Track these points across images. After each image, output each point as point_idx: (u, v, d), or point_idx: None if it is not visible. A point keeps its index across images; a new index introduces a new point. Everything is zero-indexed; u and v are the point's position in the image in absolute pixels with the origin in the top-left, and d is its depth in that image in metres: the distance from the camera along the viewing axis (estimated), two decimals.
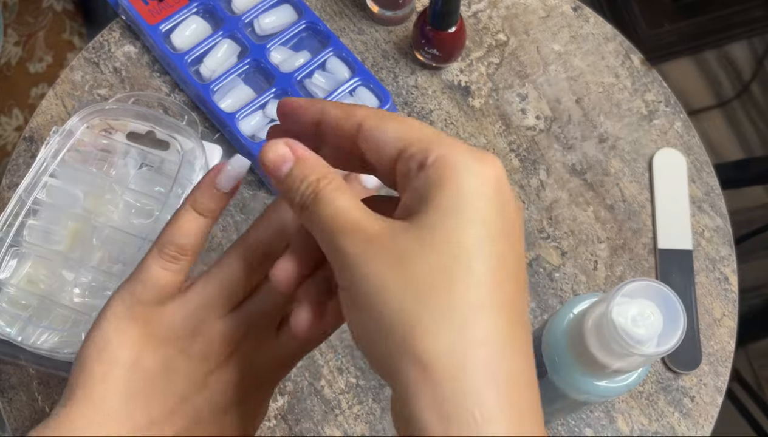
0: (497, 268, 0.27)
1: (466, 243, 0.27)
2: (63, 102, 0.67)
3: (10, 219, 0.55)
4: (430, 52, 0.65)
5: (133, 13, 0.67)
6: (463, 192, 0.28)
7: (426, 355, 0.26)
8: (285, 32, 0.66)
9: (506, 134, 0.66)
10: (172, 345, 0.34)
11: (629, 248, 0.63)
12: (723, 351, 0.60)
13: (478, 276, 0.27)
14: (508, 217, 0.28)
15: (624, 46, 0.69)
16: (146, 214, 0.58)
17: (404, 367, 0.26)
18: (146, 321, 0.34)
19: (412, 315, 0.26)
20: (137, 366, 0.33)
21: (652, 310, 0.39)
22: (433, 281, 0.27)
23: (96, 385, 0.33)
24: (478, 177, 0.28)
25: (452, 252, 0.27)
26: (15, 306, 0.55)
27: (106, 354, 0.33)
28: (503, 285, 0.27)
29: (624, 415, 0.58)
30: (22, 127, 1.15)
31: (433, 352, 0.26)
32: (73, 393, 0.33)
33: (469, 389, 0.25)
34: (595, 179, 0.65)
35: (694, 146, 0.66)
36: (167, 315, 0.34)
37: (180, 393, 0.34)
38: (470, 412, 0.25)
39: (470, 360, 0.26)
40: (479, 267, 0.27)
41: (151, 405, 0.33)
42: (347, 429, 0.58)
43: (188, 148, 0.57)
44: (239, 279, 0.34)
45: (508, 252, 0.28)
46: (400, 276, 0.27)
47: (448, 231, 0.27)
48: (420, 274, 0.27)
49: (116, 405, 0.33)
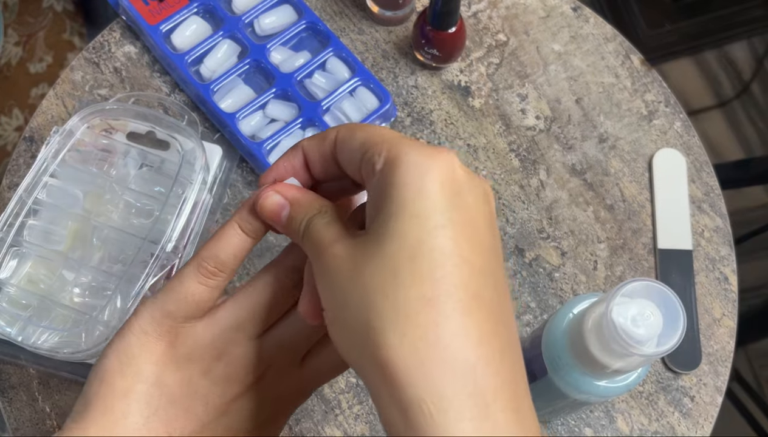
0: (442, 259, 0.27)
1: (405, 242, 0.27)
2: (63, 102, 0.67)
3: (11, 219, 0.55)
4: (430, 52, 0.65)
5: (133, 13, 0.67)
6: (404, 192, 0.28)
7: (381, 356, 0.26)
8: (285, 32, 0.67)
9: (506, 134, 0.66)
10: (197, 366, 0.33)
11: (629, 248, 0.63)
12: (723, 351, 0.60)
13: (421, 271, 0.27)
14: (462, 206, 0.28)
15: (624, 46, 0.69)
16: (146, 214, 0.58)
17: (370, 372, 0.27)
18: (173, 338, 0.33)
19: (366, 322, 0.27)
20: (160, 384, 0.33)
21: (652, 310, 0.39)
22: (381, 283, 0.27)
23: (117, 400, 0.32)
24: (423, 173, 0.28)
25: (396, 253, 0.27)
26: (15, 306, 0.55)
27: (129, 369, 0.32)
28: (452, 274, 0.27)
29: (624, 415, 0.58)
30: (22, 127, 1.15)
31: (385, 353, 0.26)
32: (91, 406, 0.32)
33: (421, 383, 0.26)
34: (595, 179, 0.65)
35: (694, 146, 0.66)
36: (196, 333, 0.33)
37: (200, 417, 0.33)
38: (423, 403, 0.26)
39: (422, 354, 0.26)
40: (422, 262, 0.27)
41: (171, 425, 0.33)
42: (347, 429, 0.58)
43: (188, 148, 0.57)
44: (271, 303, 0.34)
45: (462, 240, 0.28)
46: (353, 287, 0.28)
47: (391, 232, 0.28)
48: (368, 280, 0.27)
49: (138, 422, 0.32)
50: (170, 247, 0.53)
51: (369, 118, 0.63)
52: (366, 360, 0.27)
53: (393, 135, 0.30)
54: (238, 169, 0.65)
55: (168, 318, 0.33)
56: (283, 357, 0.35)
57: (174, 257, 0.54)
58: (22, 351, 0.56)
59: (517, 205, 0.64)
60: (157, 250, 0.52)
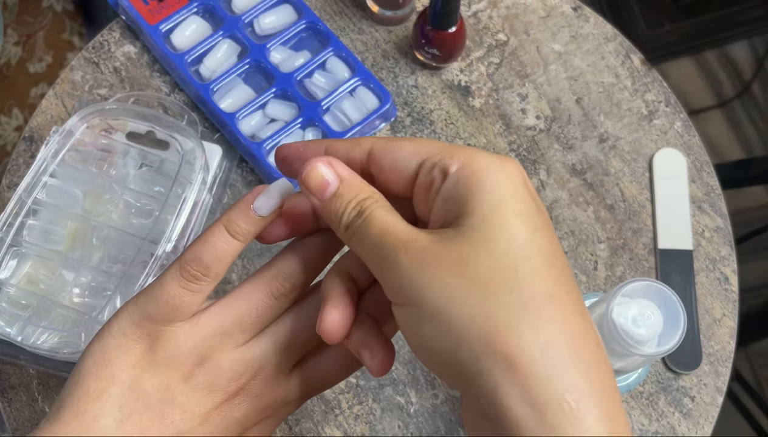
0: (550, 258, 0.28)
1: (517, 239, 0.27)
2: (63, 102, 0.67)
3: (10, 219, 0.55)
4: (430, 52, 0.65)
5: (133, 13, 0.67)
6: (497, 191, 0.28)
7: (510, 351, 0.26)
8: (285, 32, 0.66)
9: (506, 134, 0.66)
10: (177, 371, 0.32)
11: (629, 248, 0.63)
12: (723, 351, 0.60)
13: (539, 269, 0.27)
14: (540, 209, 0.29)
15: (624, 46, 0.69)
16: (146, 214, 0.58)
17: (487, 367, 0.26)
18: (153, 341, 0.32)
19: (487, 316, 0.26)
20: (136, 388, 0.31)
21: (652, 310, 0.39)
22: (499, 279, 0.27)
23: (90, 402, 0.31)
24: (506, 175, 0.28)
25: (508, 249, 0.27)
26: (15, 306, 0.55)
27: (105, 371, 0.31)
28: (561, 274, 0.28)
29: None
30: (22, 127, 1.15)
31: (516, 347, 0.26)
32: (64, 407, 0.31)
33: (559, 378, 0.25)
34: (595, 179, 0.65)
35: (694, 146, 0.66)
36: (177, 338, 0.32)
37: (177, 425, 0.32)
38: (564, 400, 0.25)
39: (555, 350, 0.26)
40: (537, 260, 0.27)
41: (145, 431, 0.31)
42: (347, 429, 0.58)
43: (188, 148, 0.57)
44: (260, 310, 0.33)
45: (551, 242, 0.28)
46: (463, 282, 0.27)
47: (496, 229, 0.27)
48: (482, 276, 0.27)
49: (110, 426, 0.31)
50: (170, 247, 0.53)
51: (369, 118, 0.63)
52: (483, 355, 0.26)
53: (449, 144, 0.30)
54: (238, 168, 0.65)
55: (148, 321, 0.32)
56: (270, 366, 0.34)
57: (174, 257, 0.54)
58: (21, 351, 0.56)
59: None
60: (156, 250, 0.52)
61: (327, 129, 0.63)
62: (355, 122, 0.63)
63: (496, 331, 0.26)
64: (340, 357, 0.35)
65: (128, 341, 0.32)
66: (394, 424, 0.58)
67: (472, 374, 0.26)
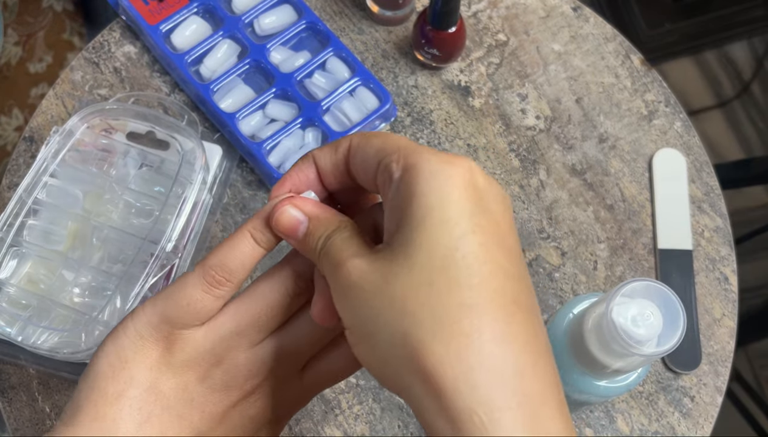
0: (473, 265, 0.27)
1: (437, 249, 0.27)
2: (63, 102, 0.67)
3: (10, 219, 0.55)
4: (430, 52, 0.65)
5: (133, 13, 0.67)
6: (426, 200, 0.27)
7: (426, 368, 0.26)
8: (285, 32, 0.66)
9: (506, 134, 0.66)
10: (194, 372, 0.32)
11: (629, 248, 0.63)
12: (723, 351, 0.60)
13: (456, 279, 0.26)
14: (486, 212, 0.28)
15: (624, 46, 0.69)
16: (146, 214, 0.58)
17: (410, 384, 0.26)
18: (170, 343, 0.32)
19: (405, 335, 0.26)
20: (154, 390, 0.32)
21: (652, 310, 0.39)
22: (416, 294, 0.27)
23: (109, 405, 0.31)
24: (443, 180, 0.28)
25: (427, 262, 0.27)
26: (15, 306, 0.55)
27: (122, 373, 0.31)
28: (489, 280, 0.27)
29: (624, 415, 0.58)
30: (22, 127, 1.15)
31: (430, 364, 0.26)
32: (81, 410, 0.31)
33: (470, 391, 0.25)
34: (595, 179, 0.65)
35: (694, 146, 0.66)
36: (195, 340, 0.32)
37: (196, 426, 0.32)
38: (475, 413, 0.25)
39: (470, 363, 0.26)
40: (456, 269, 0.27)
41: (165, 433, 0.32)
42: (347, 429, 0.58)
43: (188, 148, 0.57)
44: (274, 310, 0.33)
45: (492, 245, 0.27)
46: (385, 302, 0.27)
47: (417, 244, 0.27)
48: (400, 294, 0.27)
49: (130, 429, 0.31)
50: (170, 247, 0.53)
51: (369, 118, 0.63)
52: (406, 373, 0.26)
53: (408, 143, 0.29)
54: (238, 169, 0.65)
55: (166, 323, 0.32)
56: (284, 365, 0.34)
57: (174, 257, 0.54)
58: (22, 351, 0.56)
59: (517, 205, 0.64)
60: (156, 250, 0.52)
61: (327, 129, 0.63)
62: (355, 122, 0.63)
63: (414, 350, 0.26)
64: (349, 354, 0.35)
65: (145, 343, 0.32)
66: (394, 424, 0.58)
67: (402, 390, 0.27)
